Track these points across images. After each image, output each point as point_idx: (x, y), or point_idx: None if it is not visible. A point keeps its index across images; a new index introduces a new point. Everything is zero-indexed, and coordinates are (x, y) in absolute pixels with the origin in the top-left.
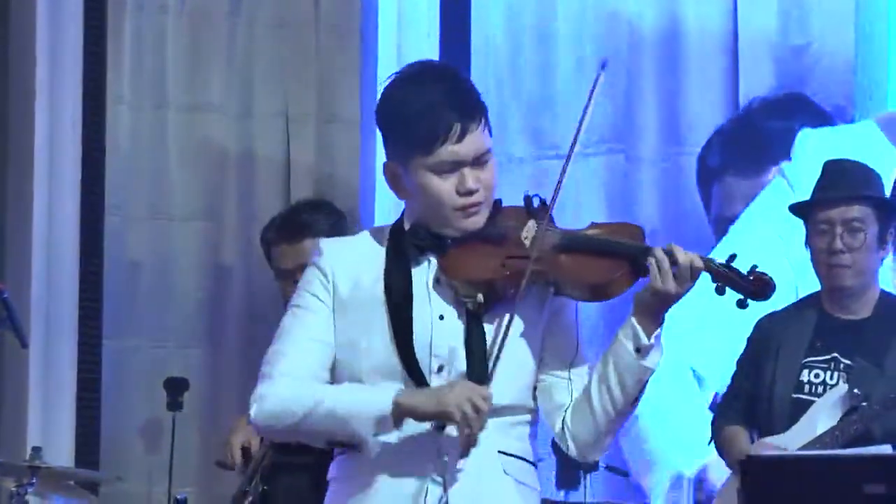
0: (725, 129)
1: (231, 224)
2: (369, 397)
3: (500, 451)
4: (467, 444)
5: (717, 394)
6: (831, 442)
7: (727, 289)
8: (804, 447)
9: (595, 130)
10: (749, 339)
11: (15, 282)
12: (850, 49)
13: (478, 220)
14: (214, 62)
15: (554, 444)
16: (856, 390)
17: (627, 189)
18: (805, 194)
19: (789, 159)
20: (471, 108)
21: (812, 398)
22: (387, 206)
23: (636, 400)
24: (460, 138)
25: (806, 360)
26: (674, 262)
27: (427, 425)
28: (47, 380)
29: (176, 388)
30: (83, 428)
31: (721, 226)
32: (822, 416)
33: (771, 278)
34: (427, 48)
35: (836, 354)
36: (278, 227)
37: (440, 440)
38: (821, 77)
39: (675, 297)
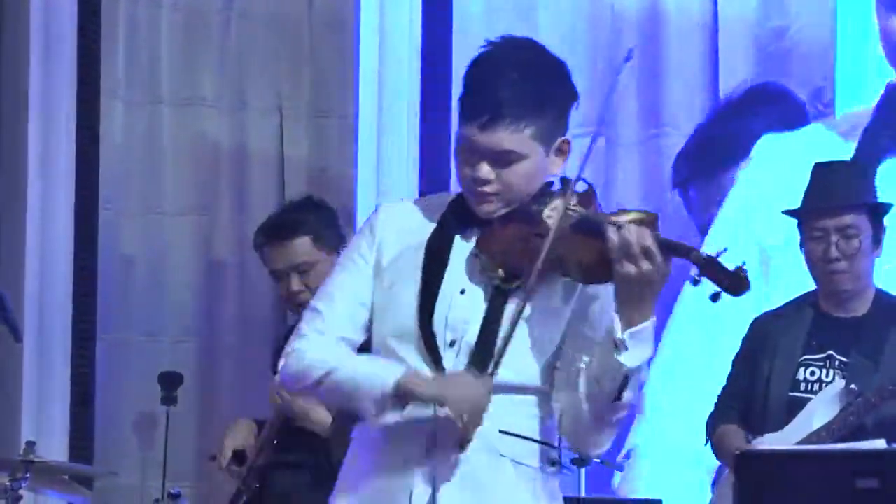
0: (691, 143)
1: (224, 219)
2: (376, 374)
3: (501, 431)
4: (463, 438)
5: None
6: (828, 436)
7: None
8: (801, 441)
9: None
10: (745, 339)
11: (9, 276)
12: (829, 30)
13: (488, 209)
14: (208, 57)
15: None
16: (853, 385)
17: (607, 171)
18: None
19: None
20: (513, 105)
21: (808, 396)
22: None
23: (619, 398)
24: (483, 127)
25: (802, 358)
26: (624, 239)
27: (429, 410)
28: (41, 374)
29: (170, 382)
30: (77, 423)
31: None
32: (819, 412)
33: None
34: (409, 31)
35: (831, 352)
36: (266, 229)
37: (437, 423)
38: (800, 59)
39: (646, 281)
